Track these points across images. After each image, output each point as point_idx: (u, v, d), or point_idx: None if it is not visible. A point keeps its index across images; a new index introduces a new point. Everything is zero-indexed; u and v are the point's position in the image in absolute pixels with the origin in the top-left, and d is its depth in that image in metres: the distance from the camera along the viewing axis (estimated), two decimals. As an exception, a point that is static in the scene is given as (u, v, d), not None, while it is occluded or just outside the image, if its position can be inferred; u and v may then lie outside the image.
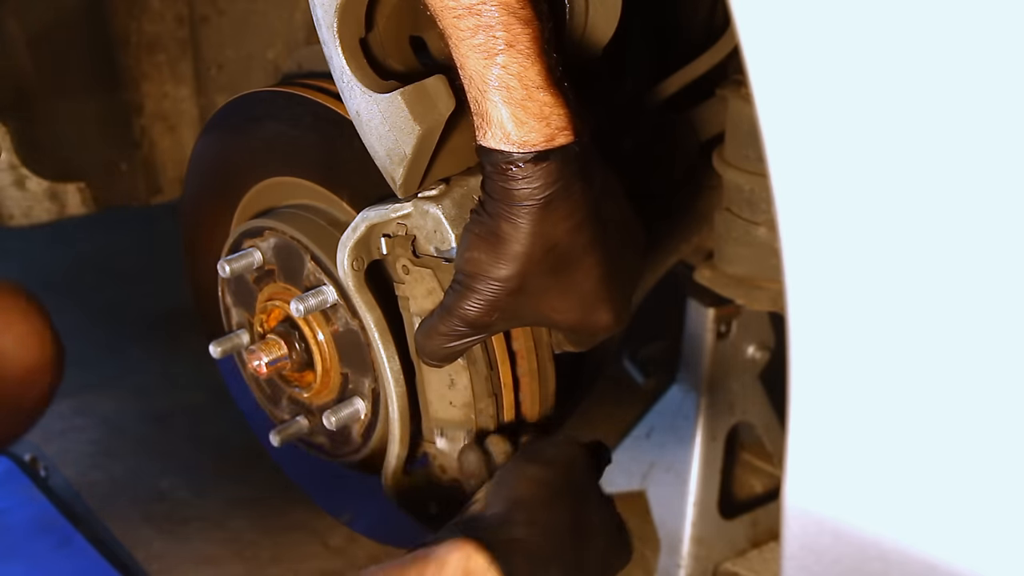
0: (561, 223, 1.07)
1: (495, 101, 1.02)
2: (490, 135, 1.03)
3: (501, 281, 1.08)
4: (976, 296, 0.81)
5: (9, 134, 1.89)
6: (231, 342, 1.43)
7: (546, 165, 1.03)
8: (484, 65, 1.00)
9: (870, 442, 0.89)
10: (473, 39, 1.00)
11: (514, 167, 1.03)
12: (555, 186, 1.04)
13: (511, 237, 1.06)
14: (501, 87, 1.01)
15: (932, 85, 0.78)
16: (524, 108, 1.02)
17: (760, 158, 0.91)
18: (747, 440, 2.58)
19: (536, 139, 1.03)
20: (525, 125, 1.02)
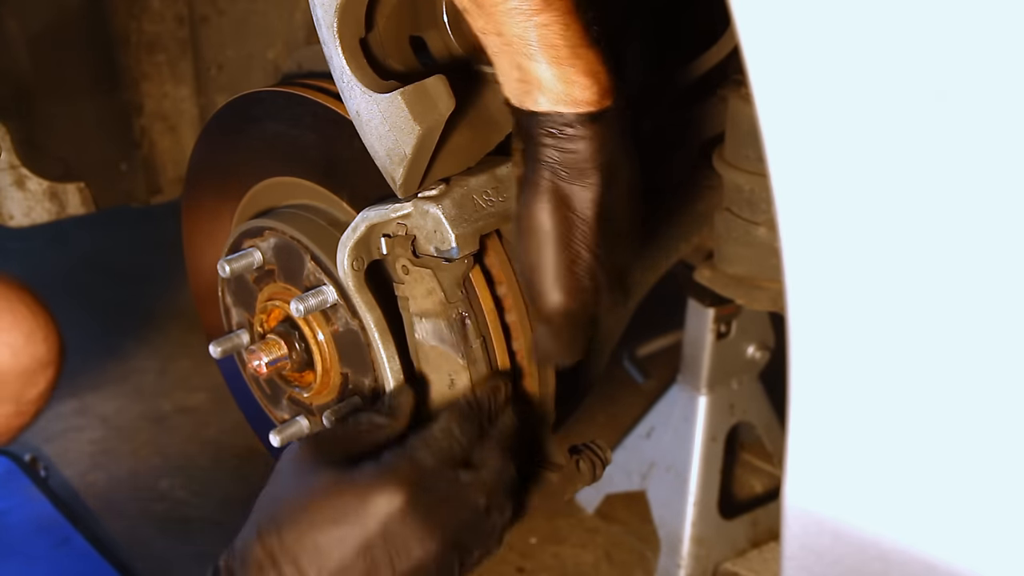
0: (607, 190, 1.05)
1: (541, 62, 0.99)
2: (542, 99, 1.01)
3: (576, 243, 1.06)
4: (976, 296, 0.81)
5: (9, 134, 1.89)
6: (231, 342, 1.43)
7: (599, 126, 1.02)
8: (524, 27, 0.98)
9: (870, 442, 0.90)
10: (508, 3, 0.98)
11: (569, 128, 1.01)
12: (605, 150, 1.03)
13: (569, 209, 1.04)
14: (546, 46, 0.99)
15: (932, 85, 0.78)
16: (573, 66, 1.00)
17: (760, 158, 0.91)
18: (747, 440, 2.58)
19: (589, 97, 1.01)
20: (576, 84, 1.00)
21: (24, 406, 1.52)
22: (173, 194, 2.05)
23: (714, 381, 2.28)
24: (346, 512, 1.06)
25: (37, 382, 1.51)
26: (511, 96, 1.04)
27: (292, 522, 1.07)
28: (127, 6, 1.89)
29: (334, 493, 1.07)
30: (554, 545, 2.39)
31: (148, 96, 1.97)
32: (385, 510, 1.06)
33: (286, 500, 1.10)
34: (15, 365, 1.48)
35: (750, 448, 2.60)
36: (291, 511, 1.08)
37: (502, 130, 1.19)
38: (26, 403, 1.52)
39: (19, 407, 1.52)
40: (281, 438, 1.39)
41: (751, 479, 2.58)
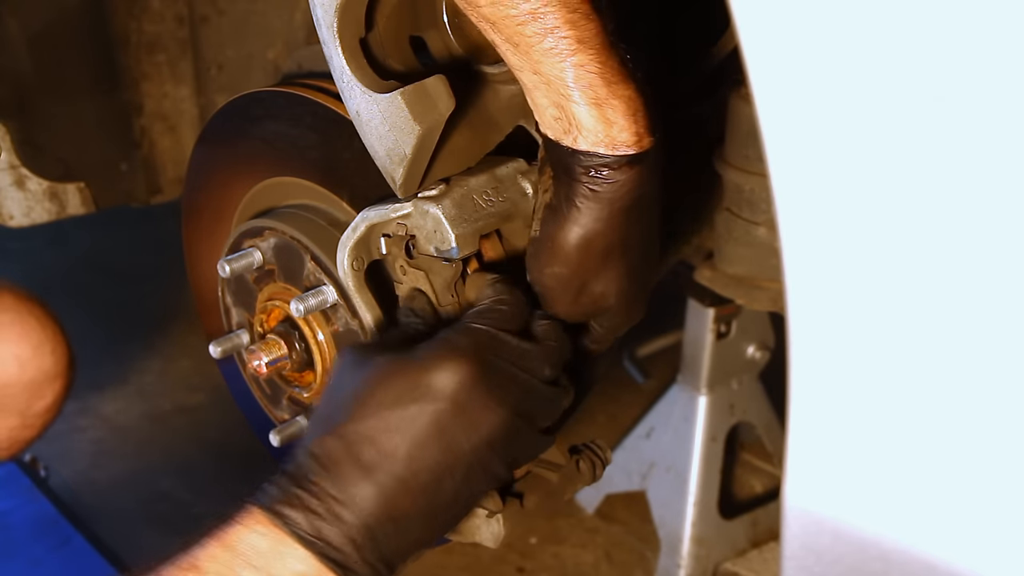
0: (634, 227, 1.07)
1: (579, 103, 0.99)
2: (581, 139, 1.01)
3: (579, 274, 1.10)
4: (976, 296, 0.81)
5: (9, 134, 1.89)
6: (231, 342, 1.43)
7: (638, 168, 1.02)
8: (561, 68, 0.98)
9: (870, 442, 0.89)
10: (542, 44, 0.97)
11: (607, 169, 1.02)
12: (640, 191, 1.04)
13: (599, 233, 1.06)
14: (583, 87, 0.99)
15: (932, 85, 0.78)
16: (611, 106, 1.00)
17: (760, 158, 0.91)
18: (747, 440, 2.58)
19: (628, 139, 1.01)
20: (615, 124, 1.01)
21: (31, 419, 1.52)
22: (173, 194, 2.05)
23: (714, 381, 2.28)
24: (414, 390, 1.02)
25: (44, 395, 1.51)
26: (548, 130, 1.04)
27: (360, 409, 1.02)
28: (127, 6, 1.89)
29: (398, 374, 1.03)
30: (554, 545, 2.39)
31: (148, 96, 1.97)
32: (453, 382, 1.02)
33: (349, 391, 1.05)
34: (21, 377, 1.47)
35: (750, 448, 2.60)
36: (357, 400, 1.03)
37: (502, 130, 1.19)
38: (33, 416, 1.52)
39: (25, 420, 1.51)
40: (281, 438, 1.39)
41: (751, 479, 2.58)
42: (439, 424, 1.01)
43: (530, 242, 1.13)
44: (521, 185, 1.20)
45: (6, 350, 1.46)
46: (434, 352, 1.04)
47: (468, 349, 1.04)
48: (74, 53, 1.89)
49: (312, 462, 1.02)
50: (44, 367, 1.49)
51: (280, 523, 1.00)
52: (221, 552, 1.02)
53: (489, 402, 1.03)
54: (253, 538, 1.01)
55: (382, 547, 1.02)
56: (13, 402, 1.48)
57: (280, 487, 1.03)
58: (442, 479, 1.03)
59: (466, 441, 1.02)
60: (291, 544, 1.00)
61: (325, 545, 1.00)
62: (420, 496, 1.02)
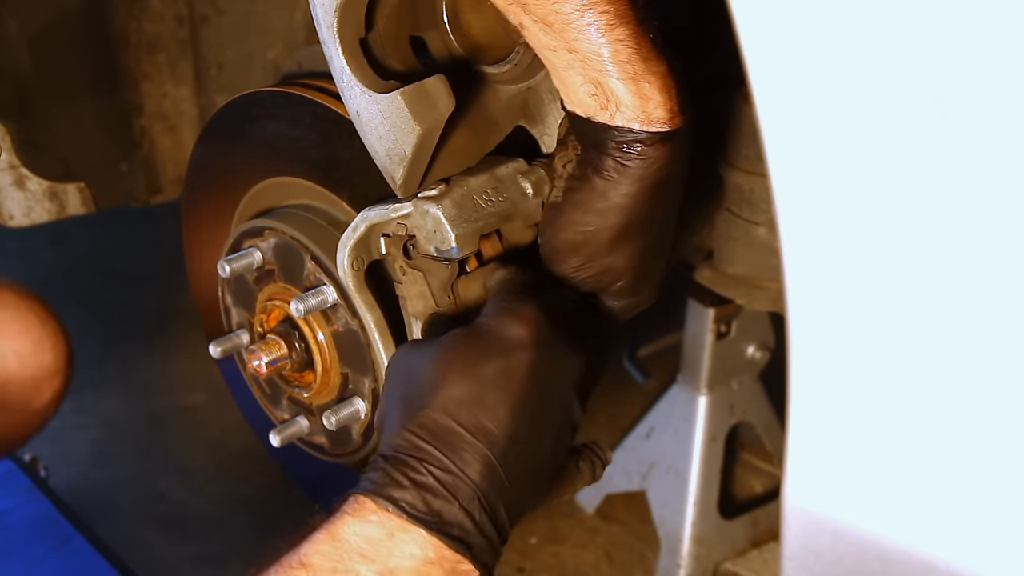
0: (659, 206, 1.07)
1: (617, 78, 0.99)
2: (618, 115, 1.01)
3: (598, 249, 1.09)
4: (976, 296, 0.81)
5: (9, 134, 1.89)
6: (231, 342, 1.43)
7: (671, 146, 1.02)
8: (599, 43, 0.97)
9: (870, 442, 0.90)
10: (581, 19, 0.96)
11: (641, 145, 1.02)
12: (670, 169, 1.04)
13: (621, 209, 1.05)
14: (621, 62, 0.98)
15: (932, 85, 0.78)
16: (648, 81, 1.00)
17: (760, 158, 0.91)
18: (747, 440, 2.58)
19: (663, 115, 1.01)
20: (651, 100, 1.00)
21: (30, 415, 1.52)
22: (173, 194, 2.05)
23: (714, 381, 2.28)
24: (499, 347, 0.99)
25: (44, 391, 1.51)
26: (578, 107, 1.03)
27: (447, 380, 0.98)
28: (127, 6, 1.89)
29: (474, 341, 1.00)
30: (554, 545, 2.39)
31: (148, 96, 1.97)
32: (536, 330, 1.00)
33: (425, 371, 1.00)
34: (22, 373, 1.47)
35: (750, 448, 2.60)
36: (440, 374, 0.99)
37: (502, 130, 1.19)
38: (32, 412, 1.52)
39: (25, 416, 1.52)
40: (281, 438, 1.39)
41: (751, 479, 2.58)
42: (535, 371, 0.99)
43: (547, 207, 1.13)
44: (521, 185, 1.20)
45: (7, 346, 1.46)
46: (500, 315, 1.02)
47: (531, 304, 1.03)
48: (74, 53, 1.89)
49: (415, 440, 0.98)
50: (44, 363, 1.49)
51: (392, 507, 0.96)
52: (330, 546, 0.97)
53: (569, 345, 1.03)
54: (364, 527, 0.96)
55: (497, 513, 0.98)
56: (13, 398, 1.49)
57: (384, 472, 0.98)
58: (542, 431, 1.01)
59: (559, 386, 1.02)
60: (407, 527, 0.96)
61: (443, 523, 0.96)
62: (526, 451, 1.00)
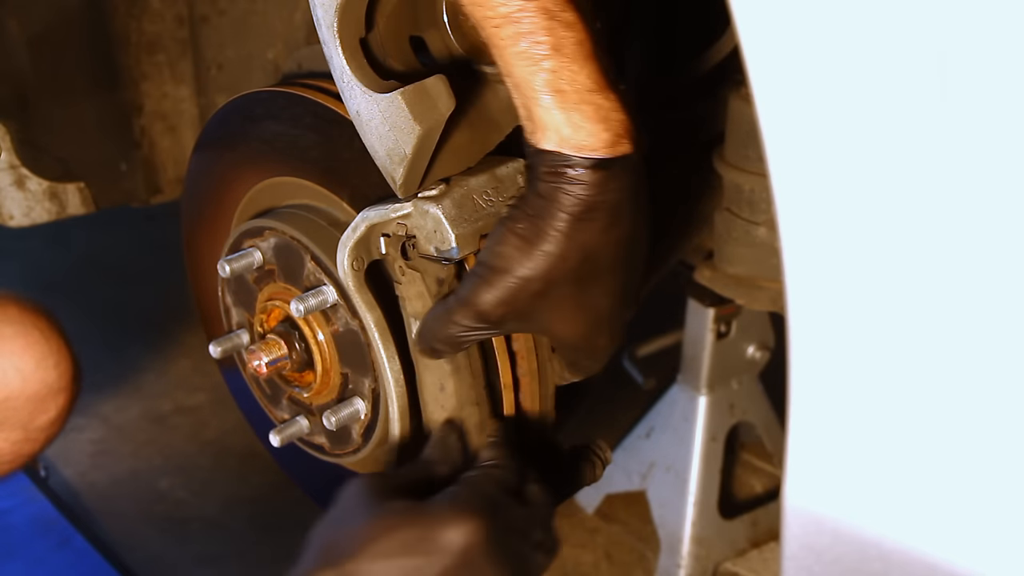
0: (602, 235, 1.05)
1: (547, 106, 0.99)
2: (545, 140, 1.01)
3: (526, 280, 1.06)
4: (976, 296, 0.81)
5: (9, 134, 1.89)
6: (231, 342, 1.43)
7: (605, 173, 1.01)
8: (531, 72, 0.98)
9: (870, 442, 0.90)
10: (515, 47, 0.97)
11: (571, 170, 1.01)
12: (608, 196, 1.02)
13: (550, 239, 1.04)
14: (552, 92, 0.98)
15: (932, 85, 0.78)
16: (580, 111, 0.99)
17: (760, 158, 0.91)
18: (747, 440, 2.58)
19: (595, 143, 1.00)
20: (582, 129, 1.00)
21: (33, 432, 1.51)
22: (173, 194, 2.05)
23: (714, 381, 2.28)
24: (424, 542, 1.03)
25: (47, 409, 1.50)
26: (524, 131, 1.04)
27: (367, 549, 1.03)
28: (127, 6, 1.89)
29: (409, 524, 1.04)
30: (554, 545, 2.39)
31: (148, 96, 1.97)
32: (464, 540, 1.03)
33: (352, 530, 1.05)
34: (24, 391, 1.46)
35: (750, 448, 2.60)
36: (364, 539, 1.04)
37: (502, 130, 1.19)
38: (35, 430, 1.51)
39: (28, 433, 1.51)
40: (281, 438, 1.39)
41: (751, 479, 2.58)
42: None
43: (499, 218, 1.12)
44: (521, 185, 1.20)
45: (9, 363, 1.45)
46: (446, 507, 1.05)
47: (479, 509, 1.05)
48: (74, 53, 1.89)
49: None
50: (47, 381, 1.48)
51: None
52: None
53: (493, 565, 1.05)
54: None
55: None
56: (16, 415, 1.48)
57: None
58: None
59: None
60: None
61: None
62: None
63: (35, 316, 1.49)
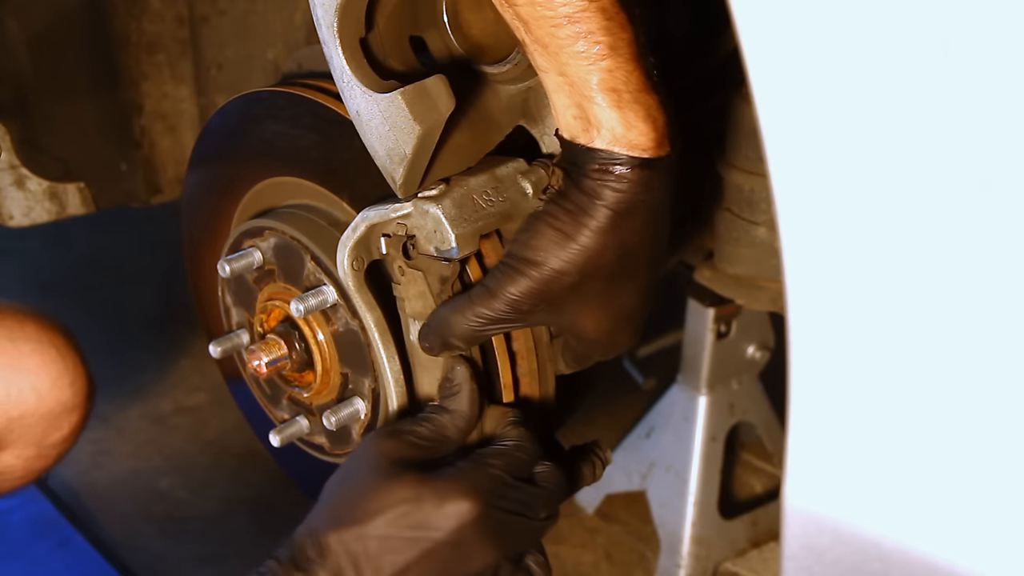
0: (639, 233, 1.07)
1: (602, 105, 1.01)
2: (598, 138, 1.03)
3: (561, 273, 1.08)
4: (976, 296, 0.81)
5: (9, 134, 1.89)
6: (231, 342, 1.43)
7: (650, 172, 1.03)
8: (588, 71, 1.00)
9: (870, 442, 0.90)
10: (574, 46, 0.99)
11: (620, 168, 1.03)
12: (649, 196, 1.05)
13: (590, 234, 1.06)
14: (608, 91, 1.00)
15: (932, 85, 0.78)
16: (633, 111, 1.02)
17: (760, 158, 0.91)
18: (747, 440, 2.58)
19: (645, 143, 1.03)
20: (634, 128, 1.02)
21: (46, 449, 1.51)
22: (173, 194, 2.05)
23: (714, 381, 2.28)
24: (419, 517, 1.09)
25: (61, 426, 1.50)
26: (565, 130, 1.06)
27: (368, 516, 1.10)
28: (127, 6, 1.89)
29: (410, 499, 1.10)
30: (554, 545, 2.39)
31: (148, 96, 1.97)
32: (456, 520, 1.09)
33: (361, 496, 1.12)
34: (39, 409, 1.46)
35: (750, 448, 2.60)
36: (365, 508, 1.10)
37: (502, 130, 1.19)
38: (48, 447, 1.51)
39: (41, 450, 1.51)
40: (281, 438, 1.39)
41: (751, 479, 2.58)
42: (432, 554, 1.10)
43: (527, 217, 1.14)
44: (521, 185, 1.20)
45: (25, 381, 1.45)
46: (447, 485, 1.10)
47: (478, 490, 1.10)
48: (74, 53, 1.89)
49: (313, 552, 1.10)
50: (62, 399, 1.48)
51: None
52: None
53: (484, 544, 1.11)
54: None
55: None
56: (30, 433, 1.48)
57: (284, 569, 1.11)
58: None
59: (456, 570, 1.11)
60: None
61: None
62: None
63: (52, 333, 1.49)
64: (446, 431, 1.17)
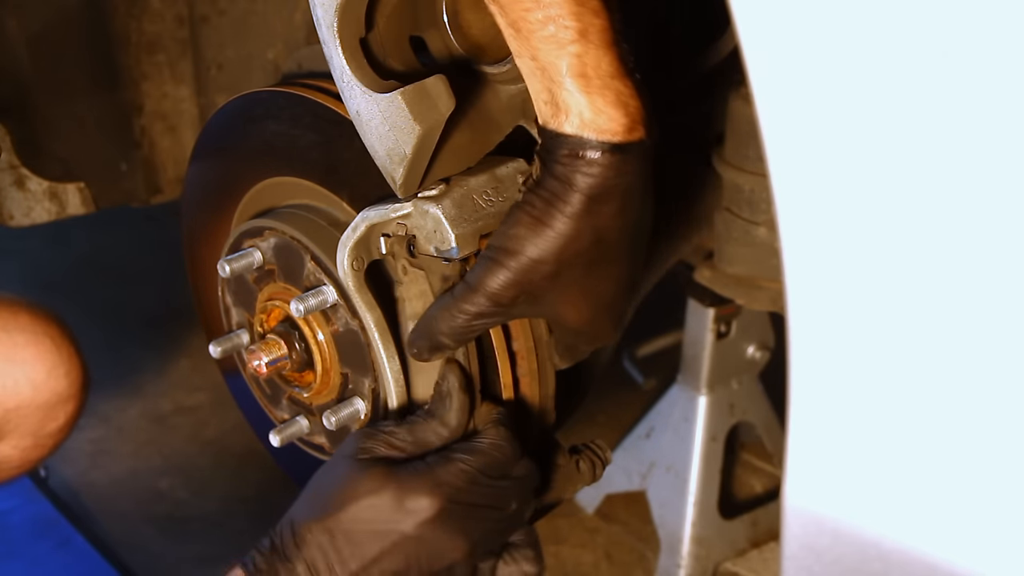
0: (613, 219, 1.07)
1: (571, 90, 1.01)
2: (567, 123, 1.03)
3: (538, 261, 1.08)
4: (976, 296, 0.81)
5: (9, 134, 1.89)
6: (231, 342, 1.43)
7: (621, 157, 1.03)
8: (557, 55, 1.00)
9: (870, 442, 0.89)
10: (544, 30, 0.99)
11: (590, 153, 1.03)
12: (622, 180, 1.04)
13: (563, 219, 1.06)
14: (576, 76, 1.01)
15: (932, 85, 0.78)
16: (602, 96, 1.01)
17: (760, 158, 0.91)
18: (747, 440, 2.58)
19: (615, 128, 1.02)
20: (603, 113, 1.02)
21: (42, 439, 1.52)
22: (173, 194, 2.05)
23: (714, 381, 2.28)
24: (389, 511, 1.13)
25: (57, 416, 1.50)
26: (538, 115, 1.06)
27: (346, 508, 1.13)
28: (127, 6, 1.89)
29: (383, 491, 1.13)
30: (554, 545, 2.39)
31: (148, 96, 1.97)
32: (419, 517, 1.12)
33: (330, 492, 1.15)
34: (35, 399, 1.47)
35: (750, 448, 2.60)
36: (340, 499, 1.14)
37: (502, 130, 1.19)
38: (45, 436, 1.51)
39: (37, 440, 1.51)
40: (281, 438, 1.39)
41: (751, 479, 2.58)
42: (398, 547, 1.13)
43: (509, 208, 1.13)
44: (521, 185, 1.20)
45: (20, 372, 1.45)
46: (411, 479, 1.13)
47: (444, 487, 1.13)
48: (74, 53, 1.89)
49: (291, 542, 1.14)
50: (58, 389, 1.48)
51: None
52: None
53: (450, 537, 1.13)
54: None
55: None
56: (26, 423, 1.48)
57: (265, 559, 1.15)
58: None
59: (427, 563, 1.14)
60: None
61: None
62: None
63: (47, 324, 1.49)
64: (428, 438, 1.19)
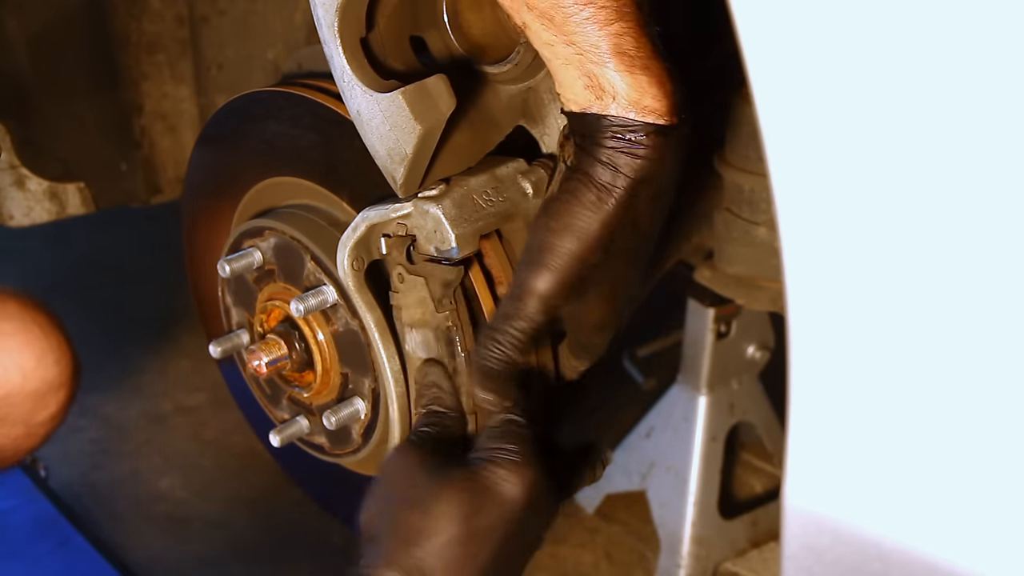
0: (648, 205, 1.06)
1: (614, 70, 1.01)
2: (613, 104, 1.02)
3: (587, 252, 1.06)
4: (976, 296, 0.81)
5: (9, 134, 1.89)
6: (231, 342, 1.43)
7: (664, 140, 1.03)
8: (599, 36, 0.99)
9: (870, 442, 0.89)
10: (581, 13, 0.99)
11: (634, 135, 1.02)
12: (662, 166, 1.04)
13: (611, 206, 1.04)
14: (619, 55, 1.00)
15: (932, 85, 0.78)
16: (645, 75, 1.01)
17: (760, 158, 0.91)
18: (747, 440, 2.58)
19: (659, 107, 1.02)
20: (647, 93, 1.01)
21: (34, 428, 1.52)
22: (173, 194, 2.05)
23: (714, 381, 2.28)
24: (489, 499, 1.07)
25: (48, 404, 1.51)
26: (574, 103, 1.04)
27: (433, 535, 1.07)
28: (127, 6, 1.89)
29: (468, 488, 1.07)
30: (554, 545, 2.39)
31: (148, 96, 1.97)
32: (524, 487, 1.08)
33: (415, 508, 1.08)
34: (24, 387, 1.47)
35: (750, 448, 2.60)
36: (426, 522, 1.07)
37: (502, 130, 1.19)
38: (36, 425, 1.52)
39: (29, 428, 1.51)
40: (281, 438, 1.39)
41: (751, 479, 2.58)
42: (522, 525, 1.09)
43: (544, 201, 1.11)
44: (521, 185, 1.20)
45: (9, 360, 1.46)
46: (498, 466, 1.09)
47: (523, 454, 1.09)
48: (74, 53, 1.89)
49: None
50: (47, 377, 1.48)
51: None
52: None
53: (551, 496, 1.11)
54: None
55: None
56: (16, 411, 1.48)
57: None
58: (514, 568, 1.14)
59: (538, 530, 1.13)
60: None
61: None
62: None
63: (35, 312, 1.50)
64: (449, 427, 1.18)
